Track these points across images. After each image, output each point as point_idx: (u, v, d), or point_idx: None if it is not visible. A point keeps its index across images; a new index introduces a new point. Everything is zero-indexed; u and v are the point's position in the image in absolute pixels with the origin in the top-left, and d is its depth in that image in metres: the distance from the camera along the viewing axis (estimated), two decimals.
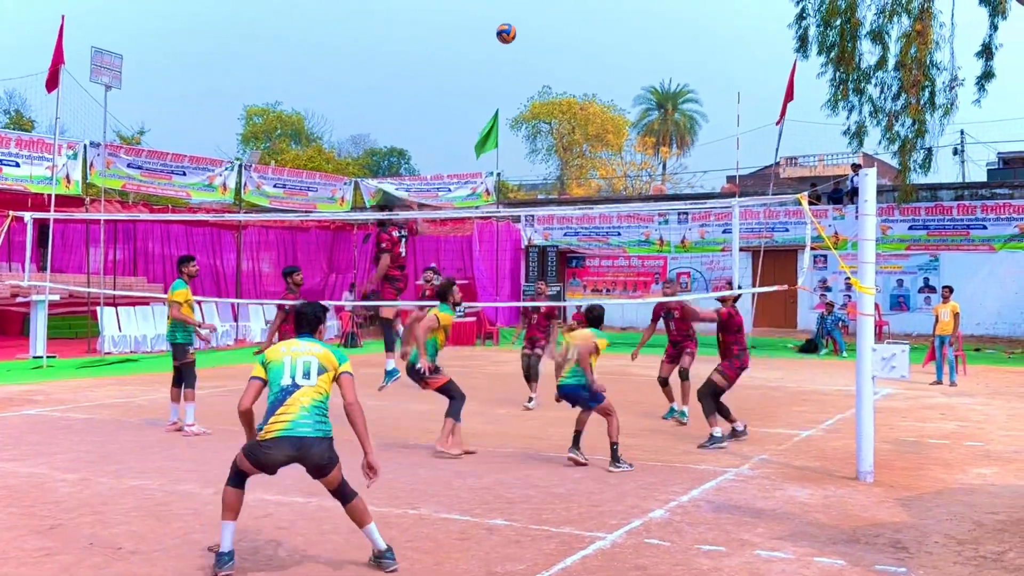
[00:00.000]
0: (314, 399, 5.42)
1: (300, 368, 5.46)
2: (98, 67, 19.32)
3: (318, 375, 5.47)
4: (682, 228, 28.86)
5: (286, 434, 5.31)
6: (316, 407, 5.41)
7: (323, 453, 5.37)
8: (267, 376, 5.52)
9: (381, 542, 5.54)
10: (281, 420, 5.35)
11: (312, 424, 5.36)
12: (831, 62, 24.27)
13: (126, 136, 36.71)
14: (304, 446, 5.32)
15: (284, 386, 5.41)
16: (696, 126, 60.22)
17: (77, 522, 6.49)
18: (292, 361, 5.48)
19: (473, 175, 27.92)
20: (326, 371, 5.51)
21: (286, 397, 5.39)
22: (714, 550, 5.95)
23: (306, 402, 5.39)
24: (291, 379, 5.43)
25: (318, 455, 5.35)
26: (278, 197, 25.78)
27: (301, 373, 5.45)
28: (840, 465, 8.69)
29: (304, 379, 5.44)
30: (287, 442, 5.31)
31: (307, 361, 5.48)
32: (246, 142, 55.07)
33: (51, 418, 11.49)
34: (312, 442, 5.33)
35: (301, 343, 5.62)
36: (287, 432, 5.32)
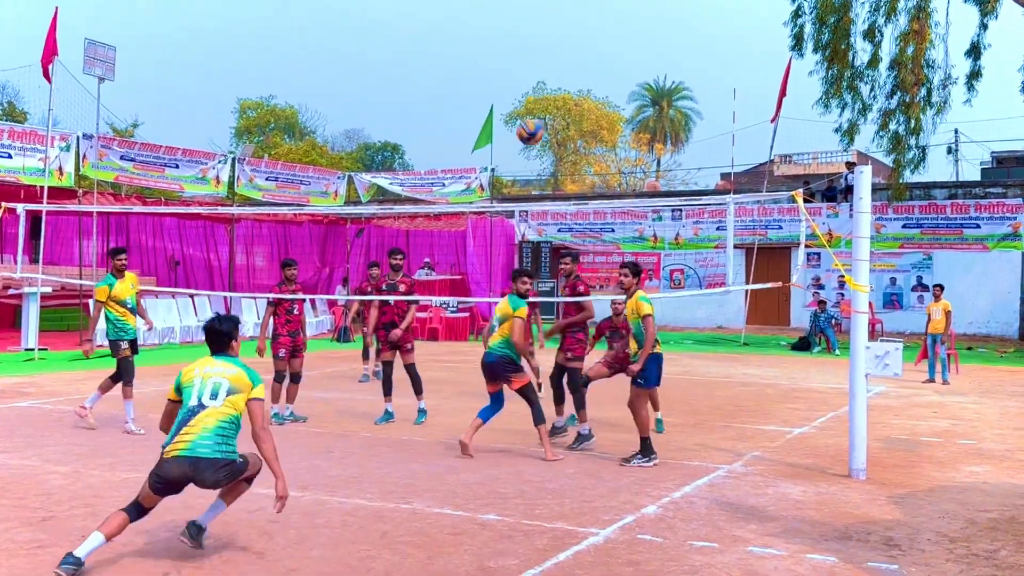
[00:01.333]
0: (219, 420, 5.42)
1: (208, 389, 5.46)
2: (91, 59, 19.24)
3: (226, 396, 5.47)
4: (676, 225, 28.88)
5: (184, 454, 5.35)
6: (219, 429, 5.41)
7: (217, 476, 5.39)
8: (180, 397, 5.57)
9: (205, 520, 5.67)
10: (183, 440, 5.39)
11: (211, 445, 5.37)
12: (825, 60, 24.33)
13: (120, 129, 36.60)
14: (199, 467, 5.34)
15: (191, 407, 5.45)
16: (690, 123, 60.33)
17: (69, 514, 6.47)
18: (202, 382, 5.49)
19: (467, 170, 27.89)
20: (237, 392, 5.50)
21: (190, 417, 5.43)
22: (707, 546, 5.96)
23: (210, 423, 5.40)
24: (198, 400, 5.45)
25: (211, 478, 5.38)
26: (271, 191, 25.72)
27: (208, 394, 5.45)
28: (833, 462, 8.71)
29: (211, 400, 5.44)
30: (184, 462, 5.34)
31: (216, 382, 5.49)
32: (239, 135, 54.97)
33: (43, 410, 11.45)
34: (208, 463, 5.34)
35: (216, 362, 5.63)
36: (185, 452, 5.35)
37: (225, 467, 5.40)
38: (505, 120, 53.82)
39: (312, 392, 13.65)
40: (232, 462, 5.44)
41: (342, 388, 14.20)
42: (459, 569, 5.43)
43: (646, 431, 8.55)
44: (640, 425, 8.57)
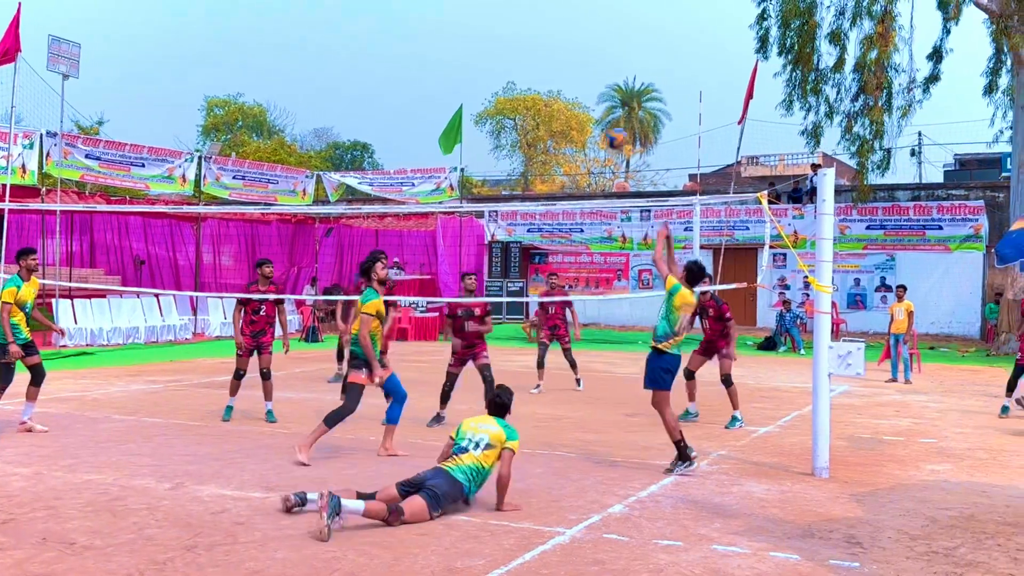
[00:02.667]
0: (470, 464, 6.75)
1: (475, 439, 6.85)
2: (55, 55, 19.02)
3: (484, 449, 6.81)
4: (644, 225, 29.04)
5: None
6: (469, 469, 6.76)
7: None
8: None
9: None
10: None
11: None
12: (790, 63, 24.60)
13: (84, 126, 36.15)
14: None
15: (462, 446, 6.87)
16: (659, 124, 60.61)
17: (30, 517, 6.39)
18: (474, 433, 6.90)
19: (437, 170, 27.85)
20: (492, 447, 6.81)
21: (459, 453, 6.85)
22: (672, 545, 6.00)
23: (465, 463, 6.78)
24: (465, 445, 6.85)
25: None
26: (238, 189, 25.52)
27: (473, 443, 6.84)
28: (796, 461, 8.80)
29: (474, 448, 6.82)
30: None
31: (481, 437, 6.85)
32: (207, 133, 54.47)
33: (3, 411, 11.27)
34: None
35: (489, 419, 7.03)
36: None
37: (461, 496, 6.67)
38: (475, 120, 53.80)
39: (278, 392, 13.57)
40: (467, 498, 6.75)
41: (309, 388, 14.13)
42: (425, 570, 5.43)
43: (675, 434, 8.22)
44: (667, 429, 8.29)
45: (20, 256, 9.89)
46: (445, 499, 6.49)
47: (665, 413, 8.27)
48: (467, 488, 6.63)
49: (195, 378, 15.20)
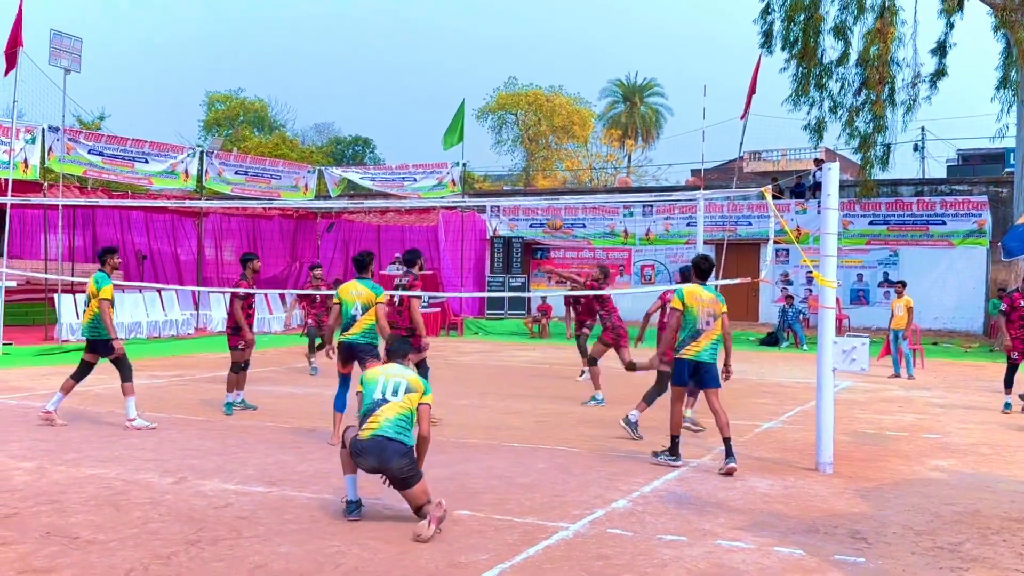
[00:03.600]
0: (398, 413, 6.27)
1: (391, 387, 6.35)
2: (57, 50, 18.95)
3: (404, 393, 6.33)
4: (647, 220, 29.00)
5: (373, 435, 6.16)
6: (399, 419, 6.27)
7: (401, 463, 6.09)
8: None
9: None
10: (369, 427, 6.19)
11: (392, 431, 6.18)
12: (794, 57, 24.56)
13: (86, 121, 36.10)
14: (385, 450, 6.10)
15: (375, 399, 6.29)
16: (661, 119, 60.55)
17: (34, 511, 6.38)
18: (385, 380, 6.38)
19: (439, 165, 27.82)
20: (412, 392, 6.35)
21: (375, 409, 6.26)
22: (676, 540, 5.99)
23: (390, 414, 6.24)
24: (382, 394, 6.30)
25: (396, 464, 6.08)
26: (240, 184, 25.49)
27: (391, 390, 6.33)
28: (800, 456, 8.79)
29: (392, 395, 6.30)
30: (371, 444, 6.13)
31: (397, 382, 6.36)
32: (208, 129, 54.40)
33: (7, 406, 11.29)
34: (394, 447, 6.13)
35: (394, 366, 6.52)
36: (374, 434, 6.16)
37: (407, 456, 6.09)
38: (476, 115, 53.74)
39: (280, 387, 13.58)
40: (410, 449, 6.13)
41: (310, 383, 14.13)
42: (429, 564, 5.42)
43: (675, 430, 8.38)
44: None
45: (108, 255, 10.11)
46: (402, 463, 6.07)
47: (673, 406, 8.46)
48: (404, 439, 6.14)
49: (197, 373, 15.20)
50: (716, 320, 8.35)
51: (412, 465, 6.10)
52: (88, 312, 9.87)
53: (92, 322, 9.84)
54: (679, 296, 8.40)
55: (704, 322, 8.29)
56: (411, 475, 6.07)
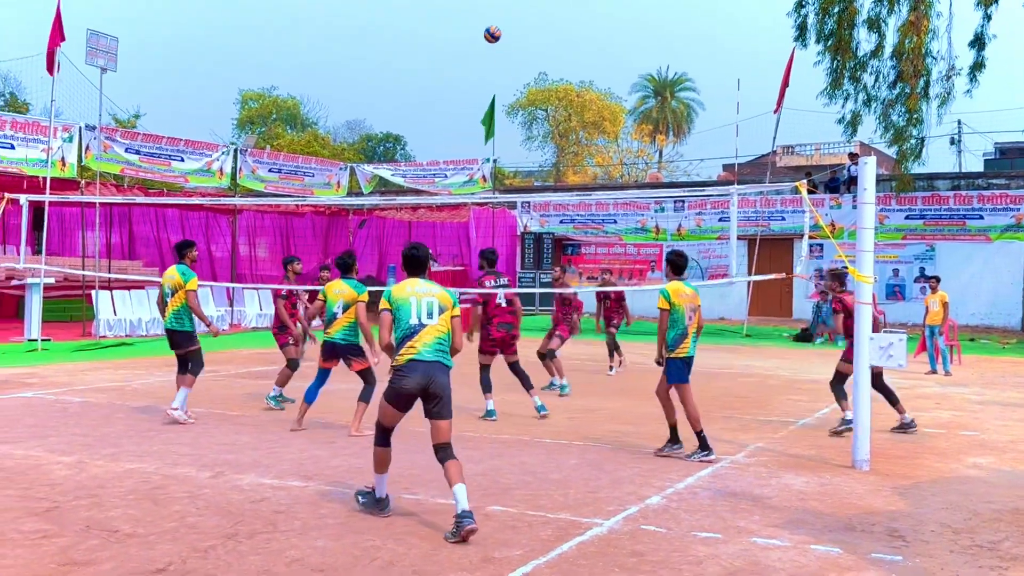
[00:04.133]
0: (437, 336, 6.18)
1: (424, 309, 6.16)
2: (94, 50, 19.20)
3: (439, 314, 6.19)
4: (678, 216, 28.87)
5: (416, 358, 6.07)
6: (438, 342, 6.18)
7: (446, 379, 6.11)
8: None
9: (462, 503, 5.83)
10: (410, 351, 6.09)
11: (434, 353, 6.13)
12: (828, 50, 24.31)
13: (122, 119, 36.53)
14: (432, 370, 6.06)
15: (412, 325, 6.13)
16: (693, 114, 60.21)
17: (74, 504, 6.48)
18: (418, 301, 6.17)
19: (469, 161, 27.87)
20: (445, 310, 6.23)
21: (413, 335, 6.12)
22: (711, 537, 5.96)
23: (429, 339, 6.13)
24: (418, 319, 6.13)
25: (442, 380, 6.08)
26: (273, 182, 25.70)
27: (426, 313, 6.15)
28: (836, 453, 8.71)
29: (428, 318, 6.15)
30: (418, 365, 6.05)
31: (430, 302, 6.19)
32: (241, 126, 54.90)
33: (46, 401, 11.47)
34: (439, 368, 6.12)
35: (422, 283, 6.29)
36: (416, 357, 6.07)
37: (448, 374, 6.13)
38: (507, 111, 53.74)
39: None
40: (450, 371, 6.17)
41: (343, 379, 14.19)
42: (463, 560, 5.44)
43: (693, 425, 8.45)
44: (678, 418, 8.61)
45: (187, 248, 10.30)
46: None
47: (687, 404, 8.52)
48: (445, 360, 6.17)
49: (232, 368, 15.35)
50: (696, 314, 8.53)
51: (450, 390, 6.13)
52: (172, 304, 9.96)
53: (176, 313, 9.97)
54: (665, 296, 8.45)
55: (688, 318, 8.43)
56: (449, 401, 6.11)
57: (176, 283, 9.93)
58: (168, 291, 9.99)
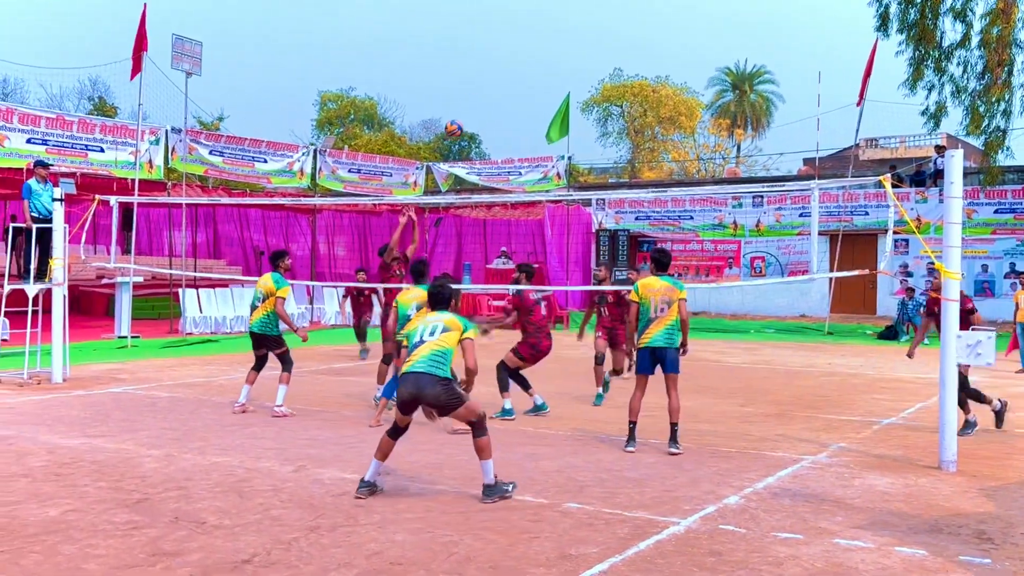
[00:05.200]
0: (432, 350, 6.79)
1: (428, 328, 6.89)
2: (179, 54, 19.75)
3: (442, 332, 6.85)
4: (757, 212, 28.40)
5: (408, 371, 6.74)
6: (432, 355, 6.80)
7: (435, 390, 6.64)
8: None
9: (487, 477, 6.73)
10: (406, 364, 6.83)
11: (426, 365, 6.72)
12: (911, 40, 23.63)
13: (206, 122, 37.54)
14: (420, 381, 6.65)
15: (415, 343, 6.86)
16: (772, 107, 59.17)
17: (163, 496, 6.69)
18: (424, 326, 6.93)
19: (544, 159, 27.87)
20: (449, 331, 6.87)
21: (413, 350, 6.85)
22: (791, 538, 5.87)
23: (425, 352, 6.78)
24: (420, 337, 6.83)
25: (431, 392, 6.64)
26: (352, 182, 26.11)
27: (428, 332, 6.86)
28: (922, 454, 8.49)
29: (429, 336, 6.81)
30: (408, 378, 6.70)
31: (435, 324, 6.88)
32: (321, 127, 55.83)
33: (136, 396, 11.85)
34: (428, 379, 6.66)
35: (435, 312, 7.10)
36: (408, 370, 6.74)
37: (441, 384, 6.64)
38: (581, 108, 53.54)
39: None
40: (447, 380, 6.68)
41: None
42: (540, 556, 5.46)
43: (633, 416, 8.78)
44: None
45: (280, 258, 10.79)
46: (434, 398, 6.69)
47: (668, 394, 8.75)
48: (436, 371, 6.69)
49: (312, 365, 15.63)
50: (671, 306, 8.63)
51: (449, 393, 6.65)
52: (261, 309, 10.42)
53: (265, 318, 10.44)
54: (635, 290, 8.85)
55: (658, 309, 8.62)
56: (450, 401, 6.66)
57: (269, 290, 10.38)
58: (260, 296, 10.44)
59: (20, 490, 6.78)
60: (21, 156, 17.98)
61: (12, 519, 6.01)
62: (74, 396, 11.59)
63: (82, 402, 11.15)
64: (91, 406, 10.85)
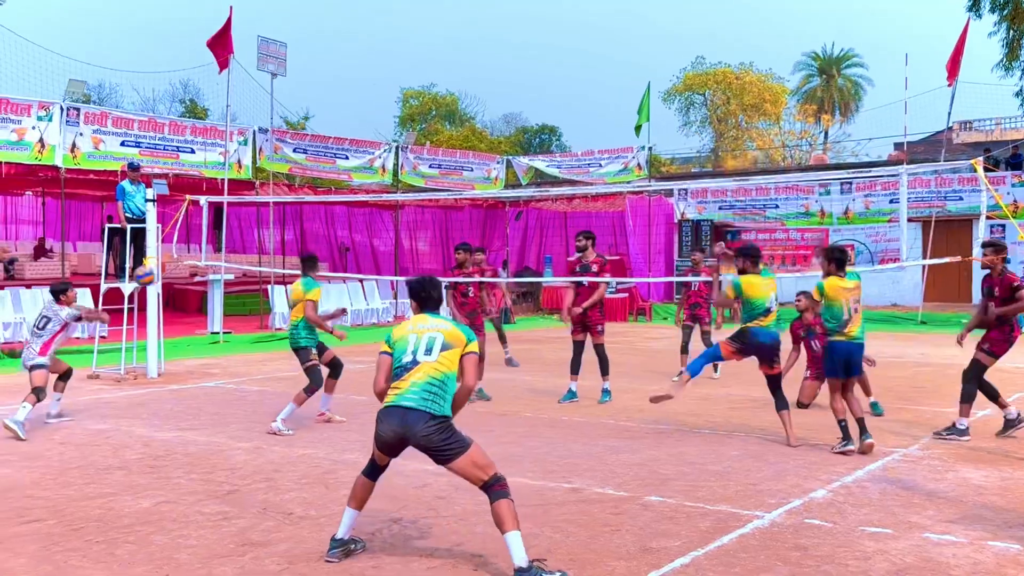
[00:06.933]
0: (429, 376, 5.19)
1: (424, 344, 5.27)
2: (264, 56, 20.19)
3: (440, 351, 5.25)
4: (845, 199, 27.68)
5: (393, 404, 5.19)
6: (428, 385, 5.19)
7: (427, 429, 5.09)
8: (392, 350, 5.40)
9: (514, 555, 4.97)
10: (392, 393, 5.25)
11: (417, 399, 5.15)
12: (1005, 20, 22.72)
13: (292, 122, 38.30)
14: (408, 419, 5.10)
15: (404, 363, 5.26)
16: (861, 92, 57.59)
17: (251, 488, 6.87)
18: (417, 338, 5.29)
19: (624, 150, 27.65)
20: (451, 348, 5.26)
21: (402, 373, 5.25)
22: (880, 532, 5.72)
23: (419, 379, 5.19)
24: (412, 355, 5.25)
25: (422, 431, 5.08)
26: (433, 177, 26.34)
27: (423, 349, 5.25)
28: (1019, 446, 8.19)
29: (425, 355, 5.22)
30: (394, 412, 5.16)
31: (431, 337, 5.27)
32: (403, 124, 56.49)
33: (227, 390, 12.20)
34: (416, 416, 5.10)
35: (430, 319, 5.42)
36: (393, 403, 5.19)
37: (435, 423, 5.08)
38: (662, 97, 52.98)
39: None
40: (444, 419, 5.14)
41: (501, 369, 14.41)
42: (620, 549, 5.44)
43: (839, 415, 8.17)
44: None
45: (313, 262, 10.04)
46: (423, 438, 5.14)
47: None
48: (432, 408, 5.14)
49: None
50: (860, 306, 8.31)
51: (444, 435, 5.10)
52: (290, 319, 9.82)
53: (292, 329, 9.77)
54: (820, 288, 8.29)
55: (851, 310, 8.17)
56: (446, 447, 5.10)
57: (298, 295, 9.63)
58: (291, 306, 9.81)
59: (116, 482, 7.05)
60: (116, 158, 18.62)
61: (108, 510, 6.25)
62: (168, 391, 11.99)
63: (176, 396, 11.52)
64: (184, 400, 11.20)
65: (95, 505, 6.36)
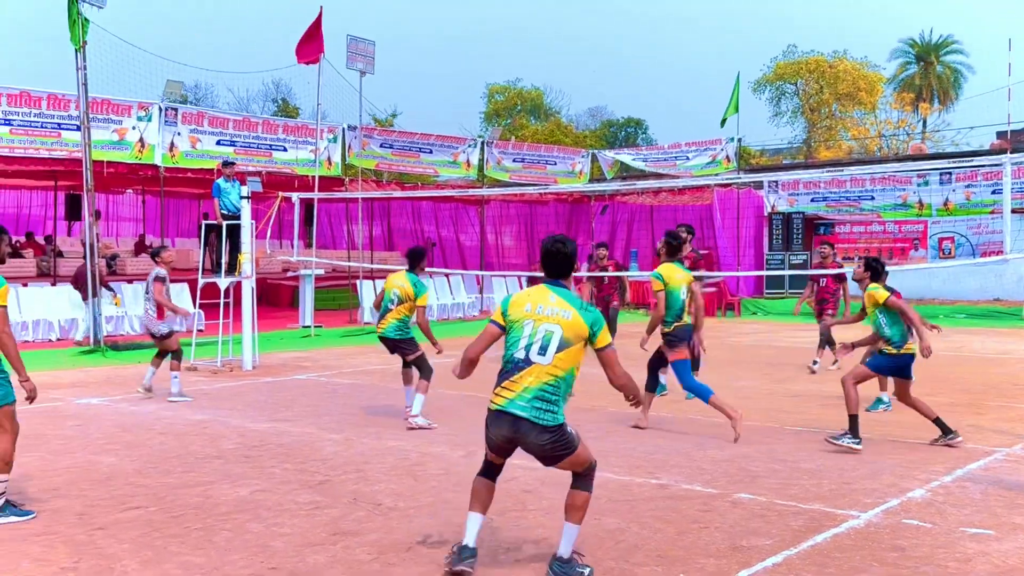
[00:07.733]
0: (541, 383, 4.81)
1: (539, 340, 4.82)
2: (353, 54, 20.51)
3: (556, 352, 4.80)
4: (945, 189, 26.74)
5: (502, 408, 4.84)
6: (540, 391, 4.81)
7: (540, 439, 4.78)
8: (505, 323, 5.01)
9: (564, 551, 4.89)
10: (501, 395, 4.90)
11: (528, 408, 4.79)
12: None
13: (380, 119, 38.87)
14: (519, 428, 4.78)
15: (517, 359, 4.86)
16: (961, 79, 55.47)
17: (342, 479, 7.00)
18: (534, 328, 4.85)
19: (712, 142, 27.25)
20: (569, 345, 4.83)
21: (514, 372, 4.87)
22: (982, 533, 5.52)
23: (532, 384, 4.80)
24: (526, 352, 4.83)
25: (535, 441, 4.79)
26: (518, 171, 26.40)
27: (538, 347, 4.81)
28: None
29: (539, 355, 4.79)
30: (504, 418, 4.83)
31: (549, 331, 4.82)
32: (488, 119, 56.73)
33: (319, 382, 12.45)
34: (529, 426, 4.77)
35: (552, 299, 4.91)
36: (502, 408, 4.85)
37: (548, 434, 4.76)
38: (752, 88, 51.96)
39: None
40: (557, 428, 4.77)
41: (589, 364, 14.36)
42: (710, 546, 5.36)
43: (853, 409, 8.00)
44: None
45: (420, 259, 9.56)
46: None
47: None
48: (546, 420, 4.70)
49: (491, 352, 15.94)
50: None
51: (557, 443, 4.78)
52: (395, 314, 9.38)
53: (399, 323, 9.40)
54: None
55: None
56: (555, 454, 4.84)
57: (407, 294, 9.28)
58: (394, 298, 9.34)
59: (214, 471, 7.26)
60: (212, 157, 19.18)
61: (206, 498, 6.44)
62: (263, 383, 12.30)
63: (270, 388, 11.81)
64: (278, 392, 11.48)
65: (194, 493, 6.56)
